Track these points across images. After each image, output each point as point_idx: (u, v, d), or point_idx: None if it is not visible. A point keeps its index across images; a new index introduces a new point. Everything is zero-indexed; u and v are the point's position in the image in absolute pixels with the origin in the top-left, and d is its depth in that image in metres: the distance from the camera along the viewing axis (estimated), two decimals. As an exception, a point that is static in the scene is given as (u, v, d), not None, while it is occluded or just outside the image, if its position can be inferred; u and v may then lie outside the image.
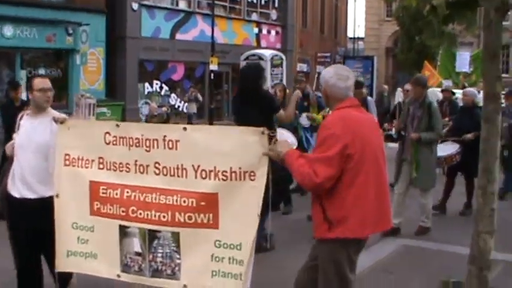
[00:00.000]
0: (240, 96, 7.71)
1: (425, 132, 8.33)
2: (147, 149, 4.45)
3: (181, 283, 4.40)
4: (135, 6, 24.66)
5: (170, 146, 4.39)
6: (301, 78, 11.67)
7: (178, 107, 26.89)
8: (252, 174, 4.19)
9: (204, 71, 27.81)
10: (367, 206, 4.05)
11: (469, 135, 9.53)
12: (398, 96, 16.68)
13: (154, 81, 26.61)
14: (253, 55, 20.14)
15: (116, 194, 4.53)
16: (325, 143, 3.98)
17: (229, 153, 4.22)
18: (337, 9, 47.19)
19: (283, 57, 20.51)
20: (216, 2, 28.84)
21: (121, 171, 4.56)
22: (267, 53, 20.27)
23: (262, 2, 32.51)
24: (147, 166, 4.47)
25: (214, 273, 4.29)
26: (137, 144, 4.48)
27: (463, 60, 15.34)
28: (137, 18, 25.04)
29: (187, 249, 4.37)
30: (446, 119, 11.39)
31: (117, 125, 4.62)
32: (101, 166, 4.62)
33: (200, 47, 27.11)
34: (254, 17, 32.09)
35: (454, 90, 15.14)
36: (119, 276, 4.57)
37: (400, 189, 8.54)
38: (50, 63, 22.59)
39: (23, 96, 9.75)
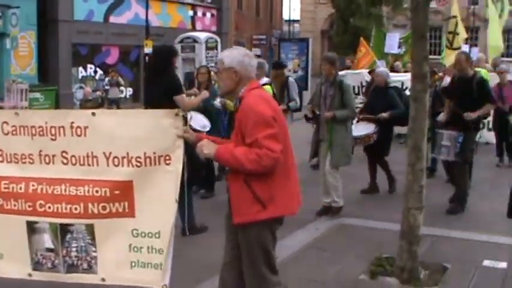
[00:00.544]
0: (147, 77, 7.74)
1: (339, 110, 8.27)
2: (53, 137, 4.19)
3: (98, 277, 4.26)
4: (67, -13, 24.08)
5: (78, 133, 4.15)
6: (203, 67, 11.40)
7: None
8: (168, 158, 4.08)
9: (138, 55, 27.46)
10: (292, 182, 4.17)
11: (385, 114, 9.62)
12: None
13: (88, 65, 26.14)
14: (188, 38, 20.17)
15: (20, 189, 4.24)
16: (261, 123, 3.95)
17: (142, 137, 4.07)
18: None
19: (218, 39, 20.58)
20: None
21: (24, 163, 4.27)
22: (202, 36, 20.30)
23: (198, -15, 32.27)
24: (54, 156, 4.22)
25: (133, 264, 4.18)
26: (41, 133, 4.20)
27: (392, 41, 15.64)
28: (69, 1, 24.47)
29: (104, 241, 4.20)
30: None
31: (16, 113, 4.30)
32: (0, 159, 4.31)
33: (134, 30, 26.73)
34: (189, -1, 31.82)
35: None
36: (30, 275, 4.34)
37: (324, 170, 8.51)
38: None
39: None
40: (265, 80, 9.59)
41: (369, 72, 13.87)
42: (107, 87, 22.54)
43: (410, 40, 16.42)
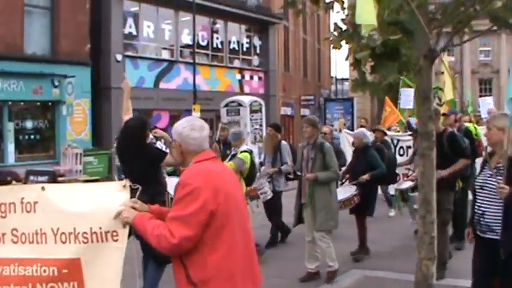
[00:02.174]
0: (119, 151, 7.25)
1: (320, 172, 8.22)
2: (3, 214, 4.00)
3: None
4: (119, 57, 25.30)
5: (28, 209, 3.97)
6: (224, 126, 11.96)
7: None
8: (115, 234, 3.87)
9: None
10: (234, 265, 3.72)
11: (365, 177, 9.54)
12: None
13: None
14: (233, 102, 20.83)
15: None
16: (183, 201, 3.63)
17: (89, 212, 3.88)
18: (320, 52, 48.06)
19: (262, 102, 21.21)
20: (198, 50, 29.67)
21: None
22: (246, 99, 20.94)
23: (244, 49, 33.30)
24: (4, 235, 4.00)
25: None
26: None
27: (407, 97, 15.86)
28: (121, 69, 25.59)
29: None
30: None
31: None
32: None
33: (184, 95, 27.65)
34: (236, 63, 32.87)
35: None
36: None
37: (309, 237, 8.42)
38: (37, 114, 22.94)
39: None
40: (243, 147, 9.92)
41: (373, 131, 13.55)
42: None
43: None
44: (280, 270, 8.86)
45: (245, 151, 9.77)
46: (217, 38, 31.29)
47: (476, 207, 5.54)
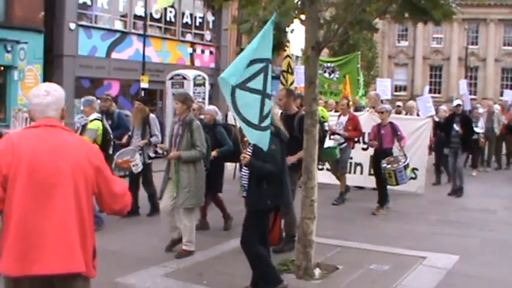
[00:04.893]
0: None
1: (186, 150, 8.21)
2: None
3: None
4: (72, 26, 25.93)
5: None
6: (106, 97, 11.97)
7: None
8: None
9: (138, 89, 28.94)
10: (12, 241, 3.49)
11: (213, 153, 9.54)
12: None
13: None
14: (178, 75, 21.66)
15: None
16: None
17: None
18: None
19: (206, 77, 22.04)
20: (151, 23, 30.48)
21: None
22: (190, 73, 21.78)
23: (197, 23, 34.06)
24: None
25: None
26: None
27: (300, 75, 16.83)
28: (74, 38, 26.31)
29: None
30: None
31: None
32: None
33: (135, 66, 28.45)
34: (189, 37, 33.62)
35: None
36: None
37: (165, 208, 8.46)
38: None
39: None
40: (94, 115, 9.74)
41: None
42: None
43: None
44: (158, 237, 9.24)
45: (96, 119, 9.71)
46: (170, 12, 31.95)
47: None
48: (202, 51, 34.46)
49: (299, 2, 7.43)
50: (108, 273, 7.14)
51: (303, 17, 7.48)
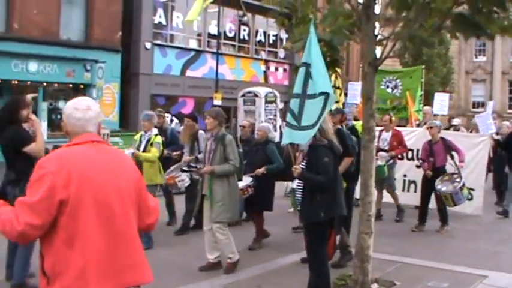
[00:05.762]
0: None
1: (219, 165, 8.11)
2: None
3: None
4: (148, 45, 26.85)
5: None
6: (159, 113, 11.78)
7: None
8: None
9: (212, 106, 29.48)
10: (86, 261, 3.36)
11: (261, 169, 9.61)
12: None
13: (166, 114, 28.33)
14: (250, 92, 22.03)
15: None
16: (33, 186, 3.34)
17: None
18: (348, 45, 48.60)
19: (277, 94, 22.28)
20: (225, 41, 31.07)
21: None
22: (262, 91, 22.09)
23: (271, 41, 34.49)
24: None
25: None
26: None
27: (354, 91, 16.38)
28: (150, 56, 27.20)
29: None
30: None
31: None
32: None
33: (209, 83, 29.04)
34: (262, 55, 34.09)
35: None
36: None
37: (207, 226, 8.35)
38: (69, 96, 24.06)
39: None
40: (155, 131, 9.91)
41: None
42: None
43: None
44: (185, 257, 9.22)
45: (158, 134, 9.89)
46: (244, 30, 32.53)
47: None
48: (276, 69, 34.79)
49: (354, 20, 7.49)
50: (171, 283, 7.55)
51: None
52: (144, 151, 9.67)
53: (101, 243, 3.40)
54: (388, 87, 17.89)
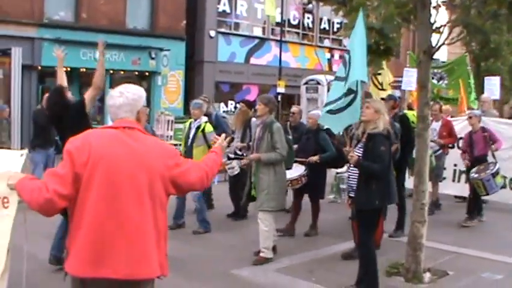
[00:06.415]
0: (52, 119, 7.42)
1: (266, 153, 8.00)
2: None
3: None
4: (212, 33, 27.16)
5: None
6: (204, 98, 11.38)
7: (252, 125, 28.64)
8: (6, 201, 3.82)
9: (275, 93, 29.67)
10: (87, 241, 3.44)
11: (314, 158, 9.51)
12: None
13: (229, 101, 28.84)
14: (312, 80, 21.98)
15: None
16: (63, 159, 3.53)
17: None
18: (414, 34, 47.94)
19: (340, 82, 22.17)
20: (289, 29, 31.06)
21: None
22: (324, 78, 22.01)
23: (335, 29, 34.29)
24: None
25: None
26: None
27: (409, 77, 15.88)
28: (214, 44, 27.50)
29: None
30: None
31: None
32: None
33: (272, 71, 28.99)
34: (326, 43, 33.93)
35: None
36: None
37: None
38: (135, 83, 24.72)
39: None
40: (205, 118, 9.92)
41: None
42: None
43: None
44: (243, 241, 9.34)
45: (208, 122, 9.94)
46: (308, 18, 32.44)
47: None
48: (340, 57, 34.54)
49: (410, 8, 7.45)
50: (226, 265, 7.79)
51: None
52: (193, 138, 9.72)
53: (103, 229, 3.43)
54: (433, 78, 17.51)
